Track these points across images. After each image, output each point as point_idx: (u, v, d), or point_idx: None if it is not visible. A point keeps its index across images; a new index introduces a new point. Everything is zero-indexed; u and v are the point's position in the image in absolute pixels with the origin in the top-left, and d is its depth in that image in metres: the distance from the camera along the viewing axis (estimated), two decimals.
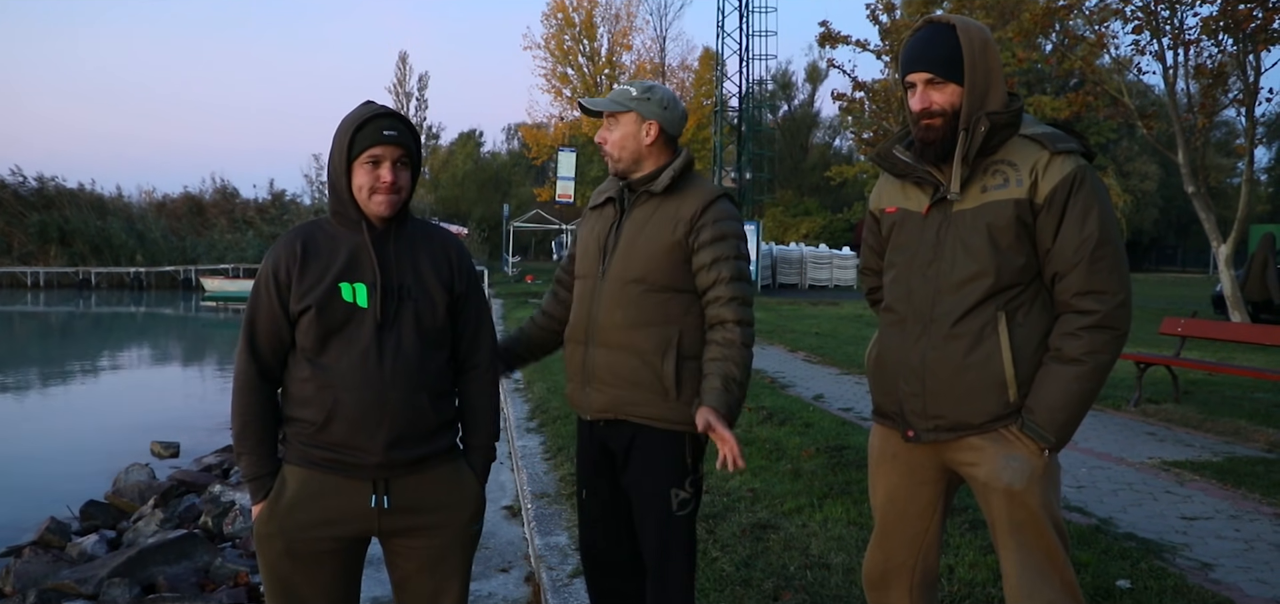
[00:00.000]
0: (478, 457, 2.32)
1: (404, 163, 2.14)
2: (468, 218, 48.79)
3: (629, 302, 2.51)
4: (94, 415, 12.47)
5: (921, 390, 2.23)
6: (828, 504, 4.72)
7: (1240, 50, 12.66)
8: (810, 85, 57.46)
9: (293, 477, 2.13)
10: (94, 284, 39.36)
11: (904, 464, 2.36)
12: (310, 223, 2.22)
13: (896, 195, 2.34)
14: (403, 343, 2.13)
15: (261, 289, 2.13)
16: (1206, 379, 9.52)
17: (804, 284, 31.88)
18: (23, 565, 5.58)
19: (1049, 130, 2.18)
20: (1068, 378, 2.10)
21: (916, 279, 2.25)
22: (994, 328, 2.15)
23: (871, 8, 23.30)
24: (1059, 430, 2.12)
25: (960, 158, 2.16)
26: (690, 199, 2.52)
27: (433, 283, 2.20)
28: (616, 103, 2.57)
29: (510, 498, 5.53)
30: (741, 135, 33.13)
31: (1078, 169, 2.10)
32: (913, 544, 2.40)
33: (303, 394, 2.12)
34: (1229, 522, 4.66)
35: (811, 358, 11.94)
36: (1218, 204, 18.96)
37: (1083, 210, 2.08)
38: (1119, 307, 2.09)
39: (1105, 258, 2.08)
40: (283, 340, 2.14)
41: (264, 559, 2.15)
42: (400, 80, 61.93)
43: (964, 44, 2.15)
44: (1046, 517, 2.17)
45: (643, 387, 2.49)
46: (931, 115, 2.18)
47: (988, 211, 2.14)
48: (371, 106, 2.14)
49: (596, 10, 43.54)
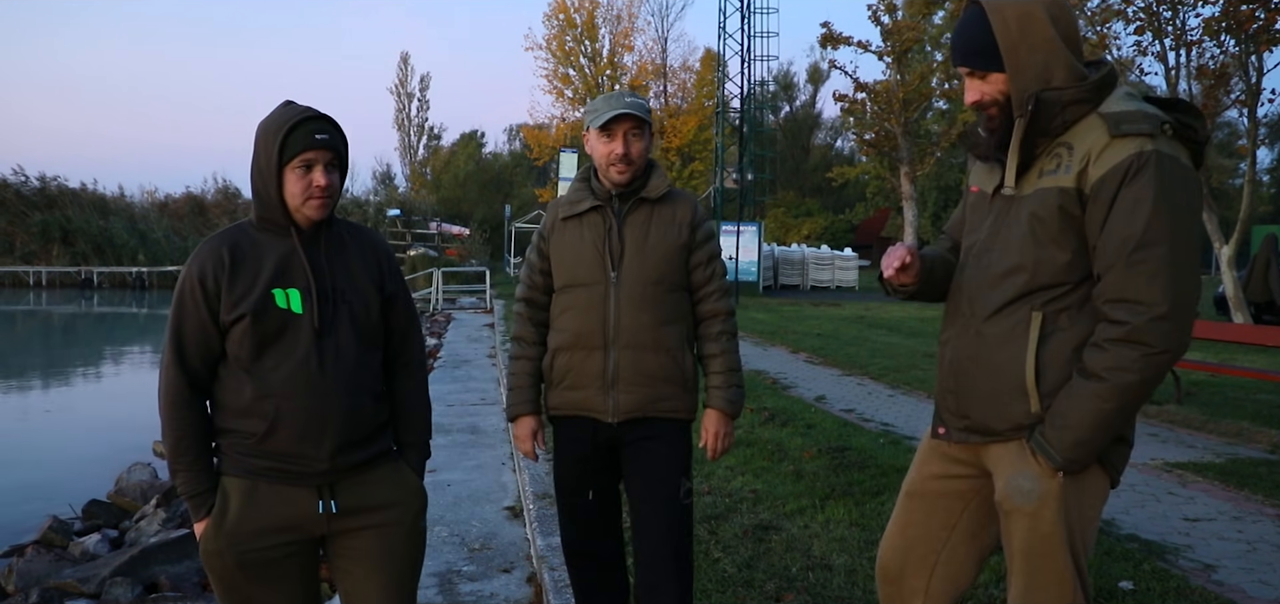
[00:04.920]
0: (414, 453, 2.28)
1: (334, 165, 2.08)
2: (469, 218, 48.79)
3: (654, 302, 2.61)
4: (96, 415, 12.48)
5: (955, 387, 2.08)
6: (830, 505, 4.72)
7: (1242, 51, 12.65)
8: (812, 86, 57.56)
9: (234, 488, 2.06)
10: (96, 284, 39.38)
11: (940, 457, 2.21)
12: (233, 228, 2.14)
13: (981, 175, 2.16)
14: (341, 347, 2.09)
15: (187, 298, 2.04)
16: (1209, 380, 9.51)
17: (806, 285, 31.87)
18: (25, 564, 5.59)
19: (1129, 107, 1.87)
20: (1086, 395, 1.85)
21: (971, 267, 2.09)
22: (1025, 329, 1.94)
23: (873, 9, 23.33)
24: (1068, 452, 1.88)
25: (1016, 145, 1.95)
26: (680, 203, 2.71)
27: (364, 283, 2.16)
28: (647, 112, 2.64)
29: (512, 498, 5.53)
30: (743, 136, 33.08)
31: (1139, 154, 1.80)
32: (934, 538, 2.19)
33: (238, 405, 2.05)
34: (1231, 523, 4.65)
35: (813, 359, 11.93)
36: (1220, 205, 18.92)
37: (1133, 202, 1.79)
38: (1155, 320, 1.79)
39: (1147, 261, 1.79)
40: (212, 350, 2.06)
41: (216, 576, 2.09)
42: (402, 81, 62.04)
43: (996, 27, 1.93)
44: (1062, 548, 1.93)
45: (671, 382, 2.64)
46: (984, 106, 2.01)
47: (1035, 199, 1.93)
48: (296, 109, 2.06)
49: (598, 11, 43.50)
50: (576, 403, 2.69)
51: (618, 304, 2.60)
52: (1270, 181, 51.52)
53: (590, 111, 2.67)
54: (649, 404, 2.63)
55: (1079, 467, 1.91)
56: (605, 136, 2.60)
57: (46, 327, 26.23)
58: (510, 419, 2.84)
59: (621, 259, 2.62)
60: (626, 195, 2.66)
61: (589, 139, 2.67)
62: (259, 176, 2.07)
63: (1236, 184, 41.27)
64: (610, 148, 2.59)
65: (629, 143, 2.59)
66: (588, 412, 2.68)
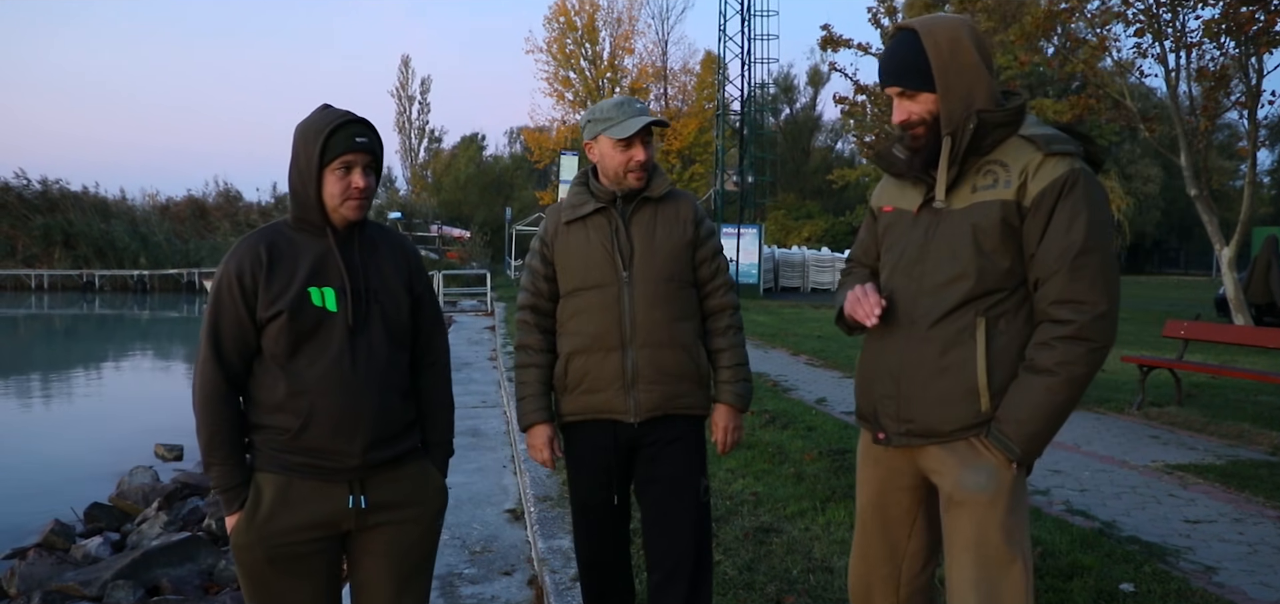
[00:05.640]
0: (439, 452, 2.36)
1: (371, 167, 2.15)
2: (470, 221, 48.79)
3: (668, 299, 2.64)
4: (98, 418, 12.48)
5: (895, 393, 2.17)
6: (830, 508, 4.72)
7: (1242, 53, 12.65)
8: (812, 88, 57.46)
9: (268, 484, 2.11)
10: (97, 287, 39.40)
11: (885, 468, 2.30)
12: (270, 227, 2.20)
13: (894, 194, 2.28)
14: (373, 345, 2.15)
15: (224, 294, 2.08)
16: (1210, 382, 9.51)
17: (806, 287, 31.85)
18: (27, 567, 5.60)
19: (1048, 131, 2.07)
20: (1038, 389, 2.00)
21: (901, 279, 2.19)
22: (971, 333, 2.07)
23: (873, 11, 23.33)
24: (1026, 443, 2.02)
25: (945, 163, 2.08)
26: (681, 201, 2.75)
27: (395, 284, 2.23)
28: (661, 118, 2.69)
29: (513, 501, 5.53)
30: (743, 138, 33.11)
31: (1070, 172, 2.00)
32: (893, 554, 2.32)
33: (273, 401, 2.10)
34: (1232, 525, 4.65)
35: (814, 361, 11.94)
36: (1220, 207, 18.91)
37: (1070, 215, 1.98)
38: (1097, 318, 1.98)
39: (1088, 267, 1.98)
40: (248, 346, 2.11)
41: (244, 569, 2.13)
42: (403, 83, 62.13)
43: (929, 49, 2.06)
44: (1008, 539, 2.06)
45: (688, 378, 2.67)
46: (912, 126, 2.13)
47: (975, 212, 2.06)
48: (336, 112, 2.13)
49: (599, 14, 43.50)
50: (596, 406, 2.68)
51: (632, 303, 2.62)
52: (1271, 183, 51.56)
53: (601, 121, 2.64)
54: (668, 401, 2.65)
55: (1033, 458, 2.06)
56: (623, 144, 2.61)
57: (48, 330, 26.25)
58: (523, 429, 2.81)
59: (632, 258, 2.64)
60: (630, 196, 2.68)
61: (599, 145, 2.65)
62: (299, 177, 2.12)
63: (1237, 186, 41.28)
64: (630, 155, 2.62)
65: (646, 148, 2.64)
66: (608, 413, 2.67)
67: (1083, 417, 7.78)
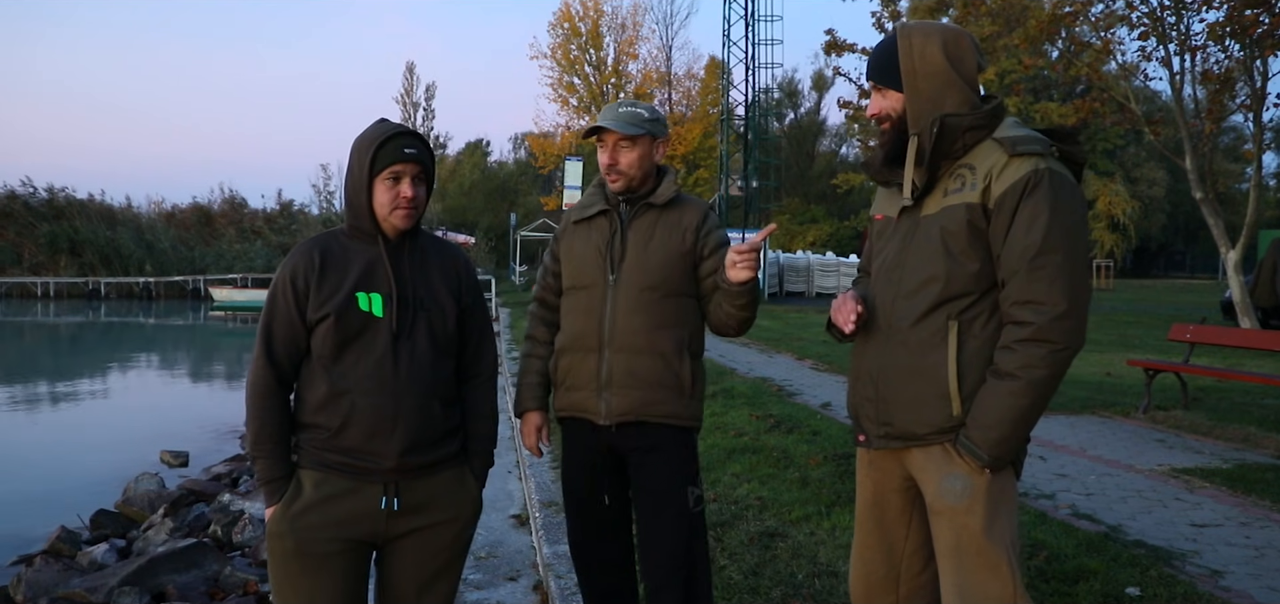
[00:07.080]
0: (479, 462, 2.41)
1: (420, 178, 2.22)
2: (475, 227, 48.91)
3: (648, 306, 2.62)
4: (104, 425, 12.52)
5: (875, 396, 2.22)
6: (836, 512, 4.72)
7: (1247, 56, 12.62)
8: (816, 93, 57.45)
9: (307, 480, 2.18)
10: (103, 294, 39.57)
11: (879, 470, 2.32)
12: (325, 234, 2.29)
13: (884, 202, 2.32)
14: (417, 352, 2.21)
15: (278, 297, 2.18)
16: (1215, 385, 9.48)
17: (811, 292, 31.85)
18: (33, 574, 5.61)
19: (1019, 133, 2.08)
20: (1001, 393, 2.00)
21: (882, 284, 2.22)
22: (943, 337, 2.09)
23: (877, 16, 23.27)
24: (992, 448, 2.02)
25: (911, 163, 2.13)
26: (689, 209, 2.71)
27: (444, 294, 2.29)
28: (633, 126, 2.64)
29: (518, 506, 5.53)
30: (748, 143, 33.13)
31: (1034, 172, 2.00)
32: (891, 555, 2.32)
33: (317, 399, 2.18)
34: (1239, 529, 4.64)
35: (819, 366, 11.92)
36: (1226, 209, 18.86)
37: (1031, 215, 1.98)
38: (1056, 319, 1.96)
39: (1046, 267, 1.96)
40: (299, 347, 2.20)
41: (274, 557, 2.20)
42: (407, 90, 62.12)
43: (901, 50, 2.13)
44: (992, 542, 2.06)
45: (664, 387, 2.63)
46: (881, 120, 2.21)
47: (944, 216, 2.09)
48: (388, 125, 2.21)
49: (603, 19, 43.62)
50: (575, 404, 2.73)
51: (613, 307, 2.63)
52: (1276, 186, 51.38)
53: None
54: (640, 407, 2.63)
55: (1003, 462, 2.06)
56: (601, 145, 2.66)
57: (54, 337, 26.34)
58: (517, 414, 2.89)
59: (622, 262, 2.65)
60: (633, 200, 2.70)
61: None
62: (352, 186, 2.22)
63: (1243, 189, 41.20)
64: (601, 157, 2.67)
65: (616, 153, 2.64)
66: (584, 413, 2.71)
67: (1088, 420, 7.76)
